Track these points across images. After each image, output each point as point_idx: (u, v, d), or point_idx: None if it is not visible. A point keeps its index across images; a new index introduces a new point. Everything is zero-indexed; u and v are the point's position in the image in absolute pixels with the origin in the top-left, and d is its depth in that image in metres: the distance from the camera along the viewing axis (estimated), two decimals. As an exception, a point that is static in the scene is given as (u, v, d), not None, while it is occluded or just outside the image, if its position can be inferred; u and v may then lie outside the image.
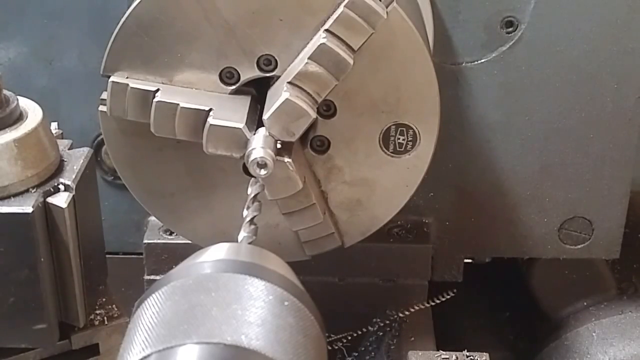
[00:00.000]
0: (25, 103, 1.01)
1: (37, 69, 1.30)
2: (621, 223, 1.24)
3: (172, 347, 0.66)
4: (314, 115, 0.90)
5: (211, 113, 0.91)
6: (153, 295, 0.73)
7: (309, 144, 0.98)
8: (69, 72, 1.29)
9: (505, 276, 1.43)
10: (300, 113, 0.89)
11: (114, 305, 1.07)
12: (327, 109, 0.96)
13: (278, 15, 0.91)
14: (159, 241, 1.22)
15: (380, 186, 0.99)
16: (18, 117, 0.98)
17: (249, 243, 0.87)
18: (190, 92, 0.94)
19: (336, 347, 1.25)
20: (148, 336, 0.68)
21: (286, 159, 0.92)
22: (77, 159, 1.02)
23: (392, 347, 1.20)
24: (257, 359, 0.66)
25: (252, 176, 0.91)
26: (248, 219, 0.89)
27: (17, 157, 0.95)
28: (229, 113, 0.92)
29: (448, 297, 1.29)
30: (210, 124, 0.90)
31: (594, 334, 1.26)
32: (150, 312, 0.71)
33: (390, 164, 0.98)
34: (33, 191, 0.95)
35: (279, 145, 0.91)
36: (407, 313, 1.23)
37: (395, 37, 0.91)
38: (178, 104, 0.92)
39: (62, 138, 1.08)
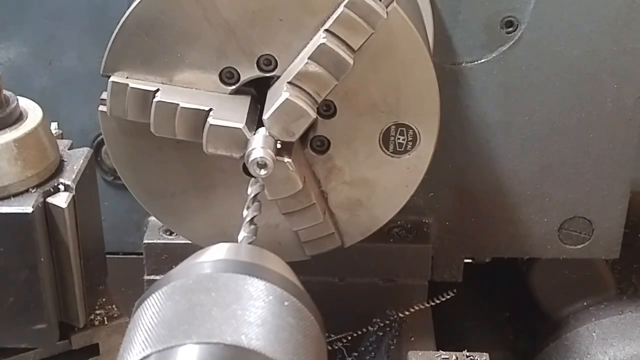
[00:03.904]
0: (25, 103, 1.01)
1: (37, 69, 1.30)
2: (621, 223, 1.24)
3: (172, 347, 0.66)
4: (314, 115, 0.90)
5: (211, 113, 0.91)
6: (153, 295, 0.73)
7: (309, 144, 0.98)
8: (69, 72, 1.29)
9: (505, 276, 1.43)
10: (300, 113, 0.89)
11: (114, 305, 1.07)
12: (327, 109, 0.96)
13: (278, 15, 0.91)
14: (159, 241, 1.22)
15: (380, 186, 0.99)
16: (18, 117, 0.98)
17: (249, 243, 0.87)
18: (190, 92, 0.94)
19: (336, 347, 1.24)
20: (148, 336, 0.68)
21: (286, 159, 0.92)
22: (77, 159, 1.02)
23: (392, 347, 1.20)
24: (257, 359, 0.66)
25: (252, 176, 0.91)
26: (248, 219, 0.89)
27: (17, 157, 0.95)
28: (229, 113, 0.92)
29: (448, 297, 1.29)
30: (210, 124, 0.90)
31: (594, 334, 1.26)
32: (150, 312, 0.71)
33: (390, 164, 0.98)
34: (33, 191, 0.95)
35: (279, 145, 0.91)
36: (407, 313, 1.23)
37: (395, 37, 0.91)
38: (178, 104, 0.92)
39: (62, 138, 1.08)
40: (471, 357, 1.07)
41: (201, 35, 0.92)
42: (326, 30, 0.89)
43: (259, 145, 0.88)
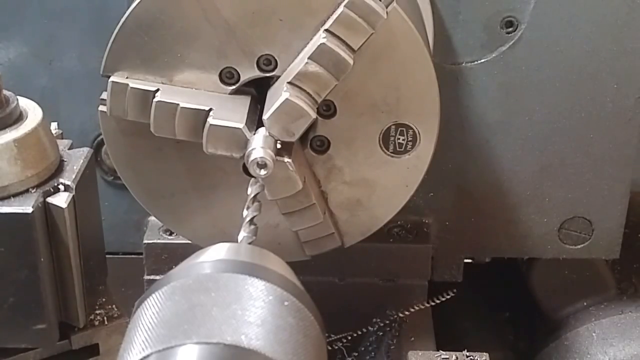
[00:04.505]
0: (25, 103, 1.01)
1: (37, 69, 1.29)
2: (621, 223, 1.24)
3: (172, 347, 0.66)
4: (314, 115, 0.90)
5: (211, 113, 0.91)
6: (153, 295, 0.73)
7: (309, 144, 0.98)
8: (69, 72, 1.29)
9: (505, 276, 1.43)
10: (300, 113, 0.89)
11: (114, 305, 1.07)
12: (327, 109, 0.96)
13: (278, 15, 0.91)
14: (159, 241, 1.22)
15: (380, 186, 0.99)
16: (18, 117, 0.98)
17: (249, 243, 0.87)
18: (190, 92, 0.94)
19: (336, 347, 1.24)
20: (148, 336, 0.68)
21: (286, 159, 0.92)
22: (77, 159, 1.02)
23: (392, 347, 1.20)
24: (257, 359, 0.66)
25: (252, 176, 0.91)
26: (248, 219, 0.89)
27: (17, 157, 0.95)
28: (229, 113, 0.92)
29: (448, 297, 1.29)
30: (210, 124, 0.90)
31: (594, 334, 1.26)
32: (150, 312, 0.71)
33: (390, 164, 0.98)
34: (33, 191, 0.95)
35: (279, 145, 0.91)
36: (407, 313, 1.23)
37: (395, 37, 0.91)
38: (178, 104, 0.92)
39: (62, 138, 1.08)
40: (471, 357, 1.07)
41: (201, 35, 0.92)
42: (326, 30, 0.89)
43: (259, 145, 0.88)
